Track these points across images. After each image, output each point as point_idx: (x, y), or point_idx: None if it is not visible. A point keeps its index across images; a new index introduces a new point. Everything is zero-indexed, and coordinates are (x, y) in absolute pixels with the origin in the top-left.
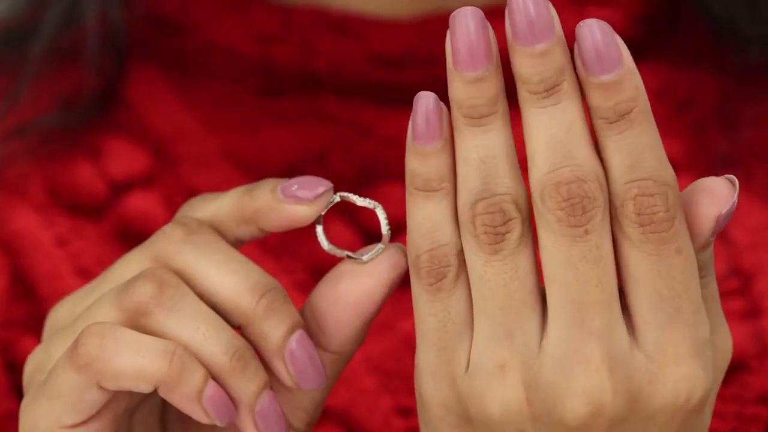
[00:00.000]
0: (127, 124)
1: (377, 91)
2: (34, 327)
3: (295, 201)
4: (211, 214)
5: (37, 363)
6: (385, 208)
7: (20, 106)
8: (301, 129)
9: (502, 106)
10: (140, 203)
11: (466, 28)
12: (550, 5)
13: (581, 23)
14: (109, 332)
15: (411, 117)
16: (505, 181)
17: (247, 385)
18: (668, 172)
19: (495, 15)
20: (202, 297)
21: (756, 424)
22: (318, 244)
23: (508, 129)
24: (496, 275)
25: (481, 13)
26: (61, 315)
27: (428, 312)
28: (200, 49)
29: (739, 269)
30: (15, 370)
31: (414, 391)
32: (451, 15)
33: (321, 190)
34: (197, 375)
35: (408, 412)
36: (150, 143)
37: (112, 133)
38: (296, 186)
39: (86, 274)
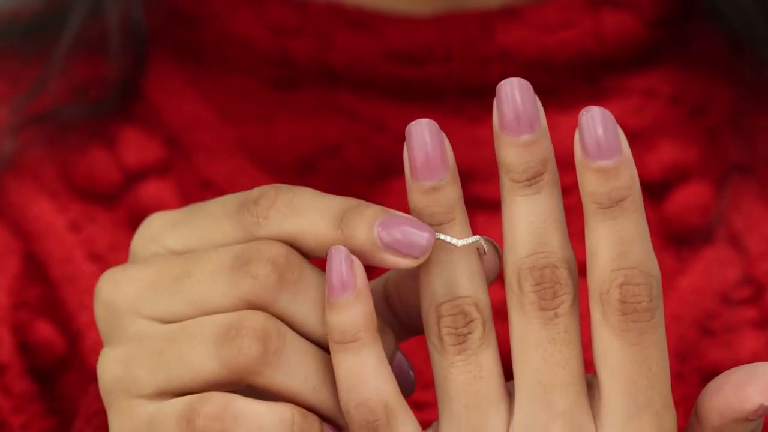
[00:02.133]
0: (142, 113)
1: (392, 87)
2: (46, 310)
3: (397, 254)
4: (298, 231)
5: (118, 377)
6: (400, 203)
7: (39, 95)
8: (315, 122)
9: (459, 213)
10: (154, 191)
11: (422, 139)
12: (537, 98)
13: (584, 110)
14: (227, 412)
15: (326, 274)
16: (465, 284)
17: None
18: (654, 264)
19: (511, 14)
20: (300, 332)
21: None
22: None
23: (468, 233)
24: (460, 374)
25: (436, 125)
26: (126, 303)
27: None
28: (217, 40)
29: (753, 278)
30: (29, 351)
31: (429, 385)
32: (407, 127)
33: (425, 244)
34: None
35: (423, 405)
36: (164, 133)
37: (126, 123)
38: (396, 235)
39: (99, 259)
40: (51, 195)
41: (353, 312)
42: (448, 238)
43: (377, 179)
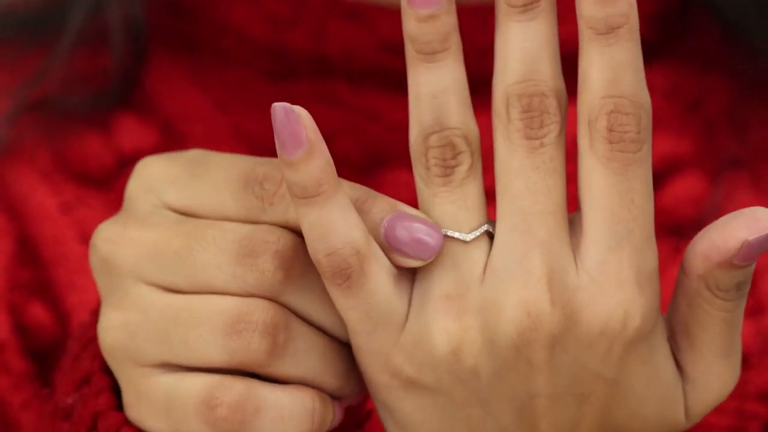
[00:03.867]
0: (138, 102)
1: (387, 78)
2: (38, 291)
3: (405, 255)
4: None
5: (122, 344)
6: (392, 193)
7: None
8: (310, 112)
9: (454, 43)
10: None
11: None
12: None
13: None
14: (249, 402)
15: (274, 131)
16: (456, 116)
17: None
18: (645, 95)
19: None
20: (304, 320)
21: (755, 420)
22: None
23: (460, 66)
24: (444, 204)
25: None
26: (126, 266)
27: (346, 306)
28: (213, 32)
29: None
30: (25, 332)
31: None
32: None
33: (434, 246)
34: (330, 415)
35: None
36: (160, 121)
37: (123, 110)
38: (404, 237)
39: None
40: (44, 177)
41: (311, 167)
42: (456, 234)
43: (370, 169)
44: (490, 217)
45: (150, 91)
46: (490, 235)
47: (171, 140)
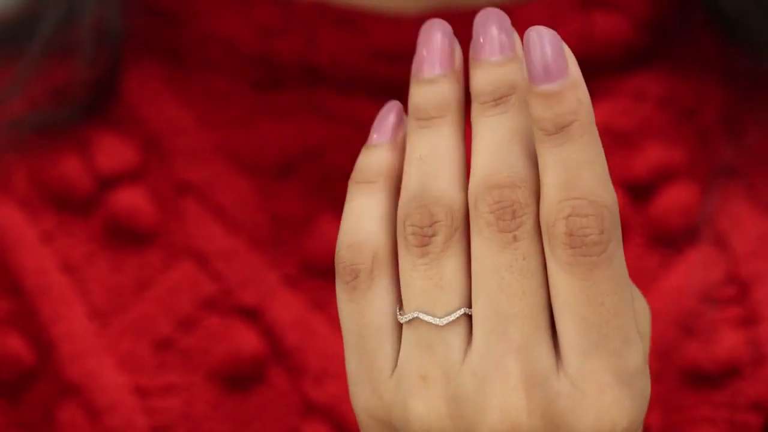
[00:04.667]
0: (118, 117)
1: (377, 87)
2: (17, 323)
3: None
4: None
5: None
6: None
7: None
8: (299, 124)
9: (453, 112)
10: (128, 198)
11: (431, 36)
12: (510, 26)
13: (530, 29)
14: None
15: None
16: (441, 184)
17: None
18: (606, 192)
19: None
20: None
21: (748, 431)
22: (310, 240)
23: (456, 135)
24: (419, 279)
25: (449, 27)
26: None
27: (346, 313)
28: (199, 41)
29: (737, 277)
30: None
31: None
32: (423, 26)
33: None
34: None
35: None
36: (140, 136)
37: (102, 126)
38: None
39: (73, 270)
40: (22, 204)
41: (381, 157)
42: (429, 318)
43: None
44: None
45: (130, 104)
46: (471, 317)
47: (153, 157)
